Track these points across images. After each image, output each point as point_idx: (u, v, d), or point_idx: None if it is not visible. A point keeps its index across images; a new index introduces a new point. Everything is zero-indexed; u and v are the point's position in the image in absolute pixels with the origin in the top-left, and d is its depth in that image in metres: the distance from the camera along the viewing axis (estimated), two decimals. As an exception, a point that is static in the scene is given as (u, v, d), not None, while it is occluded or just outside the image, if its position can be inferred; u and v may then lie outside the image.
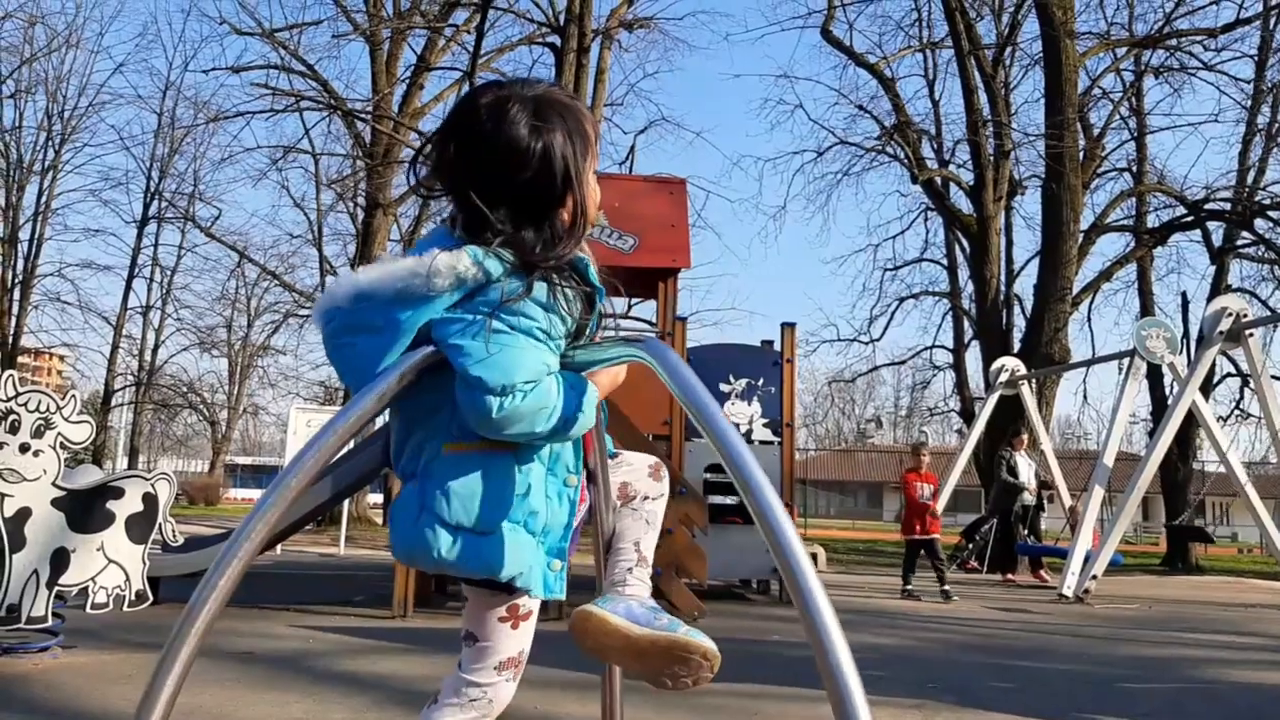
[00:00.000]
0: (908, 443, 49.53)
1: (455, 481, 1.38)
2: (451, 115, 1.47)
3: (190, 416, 33.22)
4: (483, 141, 1.41)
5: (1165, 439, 9.65)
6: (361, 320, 1.39)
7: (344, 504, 12.18)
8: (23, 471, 4.06)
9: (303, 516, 6.47)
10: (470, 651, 1.50)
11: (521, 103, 1.42)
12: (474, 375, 1.32)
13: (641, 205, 7.69)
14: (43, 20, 24.30)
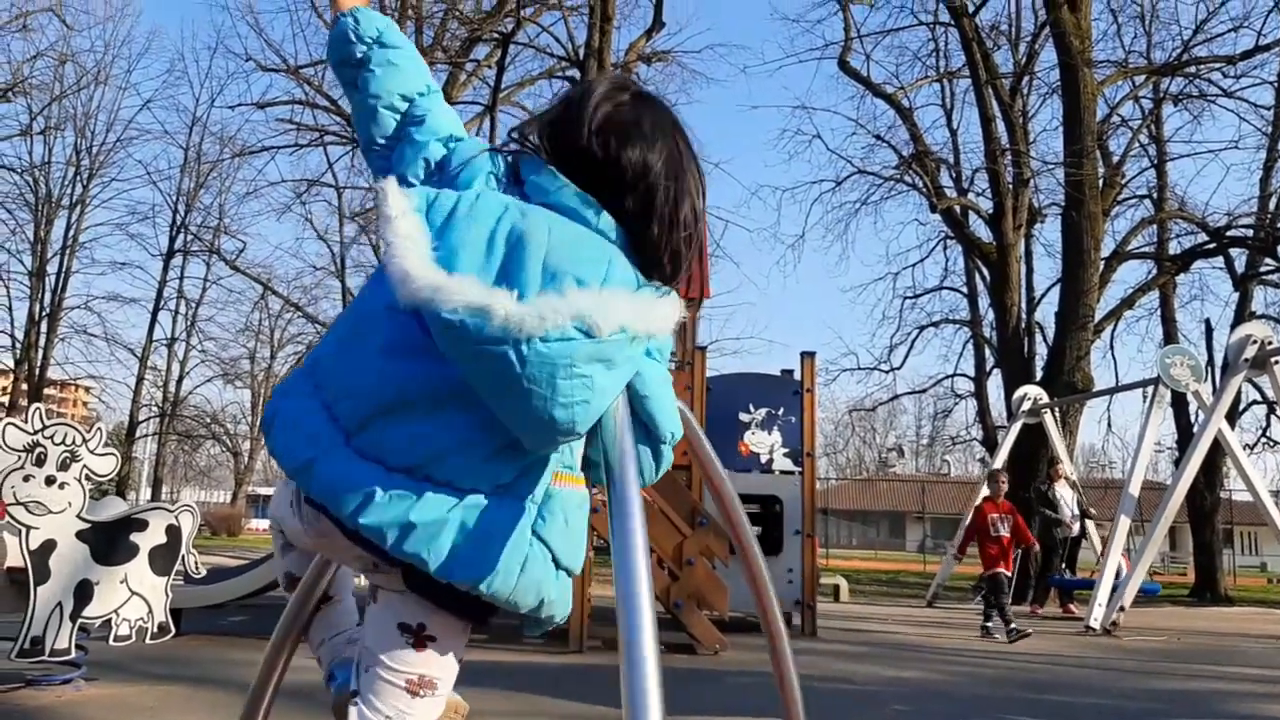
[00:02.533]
0: (930, 471, 49.31)
1: (571, 519, 1.31)
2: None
3: (213, 447, 33.46)
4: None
5: (1191, 468, 9.53)
6: (605, 353, 1.18)
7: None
8: (49, 504, 4.10)
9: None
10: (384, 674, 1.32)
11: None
12: (667, 429, 1.36)
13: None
14: (73, 59, 24.80)
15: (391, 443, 1.23)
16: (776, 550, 7.56)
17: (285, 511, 1.46)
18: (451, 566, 1.21)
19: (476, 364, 1.15)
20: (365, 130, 1.51)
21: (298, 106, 19.93)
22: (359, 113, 1.53)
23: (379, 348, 1.26)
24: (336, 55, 1.58)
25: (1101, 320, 15.66)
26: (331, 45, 1.59)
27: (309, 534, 1.40)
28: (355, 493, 1.21)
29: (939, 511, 39.55)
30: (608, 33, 12.15)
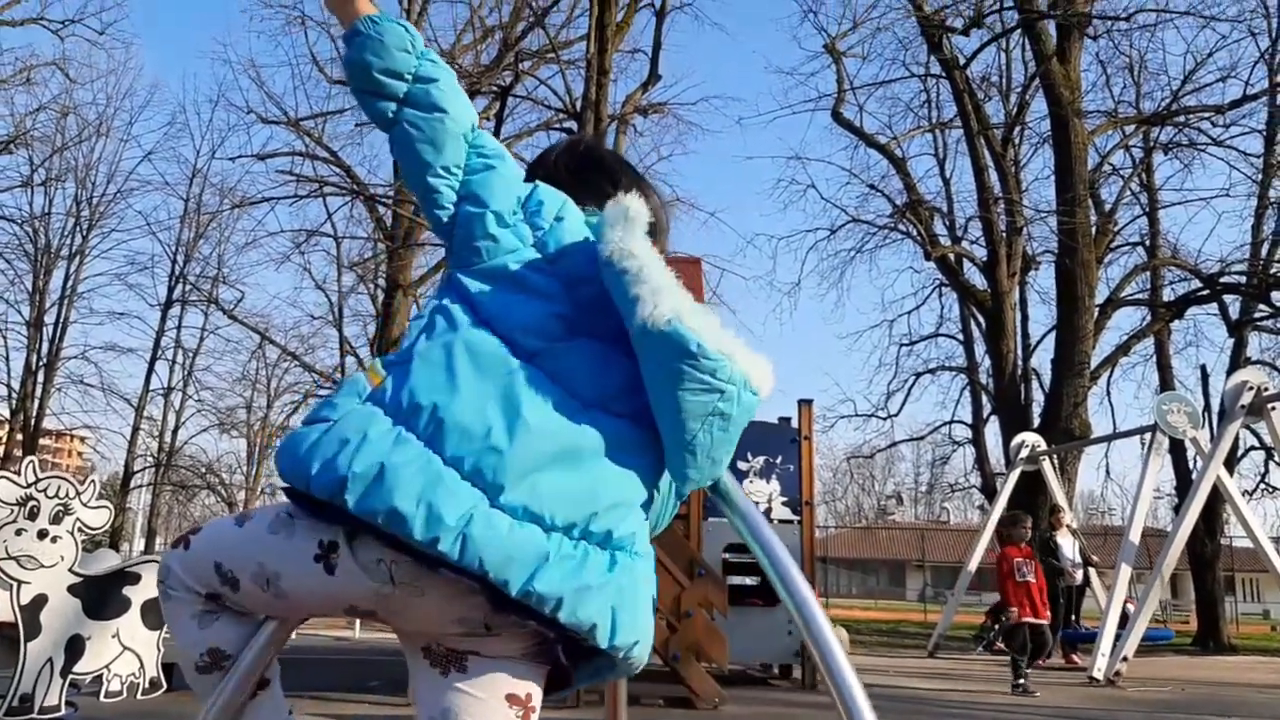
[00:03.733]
0: (929, 519, 49.10)
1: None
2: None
3: (208, 498, 33.24)
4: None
5: (1191, 515, 9.49)
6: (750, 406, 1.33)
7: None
8: (40, 558, 4.07)
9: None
10: None
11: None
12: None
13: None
14: (75, 111, 25.04)
15: (548, 500, 1.23)
16: (776, 601, 7.49)
17: (296, 569, 1.25)
18: (615, 630, 1.23)
19: (696, 398, 1.28)
20: (427, 199, 1.43)
21: (297, 158, 20.11)
22: (412, 169, 1.44)
23: (530, 398, 1.27)
24: (363, 82, 1.43)
25: (1097, 367, 15.71)
26: (354, 71, 1.43)
27: (375, 596, 1.24)
28: (523, 558, 1.18)
29: (939, 560, 39.28)
30: (604, 85, 12.32)
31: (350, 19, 1.43)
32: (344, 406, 1.27)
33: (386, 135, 1.45)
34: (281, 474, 1.24)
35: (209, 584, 1.33)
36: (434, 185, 1.40)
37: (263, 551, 1.28)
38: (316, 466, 1.19)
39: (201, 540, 1.36)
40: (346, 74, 1.43)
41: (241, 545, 1.31)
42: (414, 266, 20.81)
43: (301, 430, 1.26)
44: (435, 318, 1.35)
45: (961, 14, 15.26)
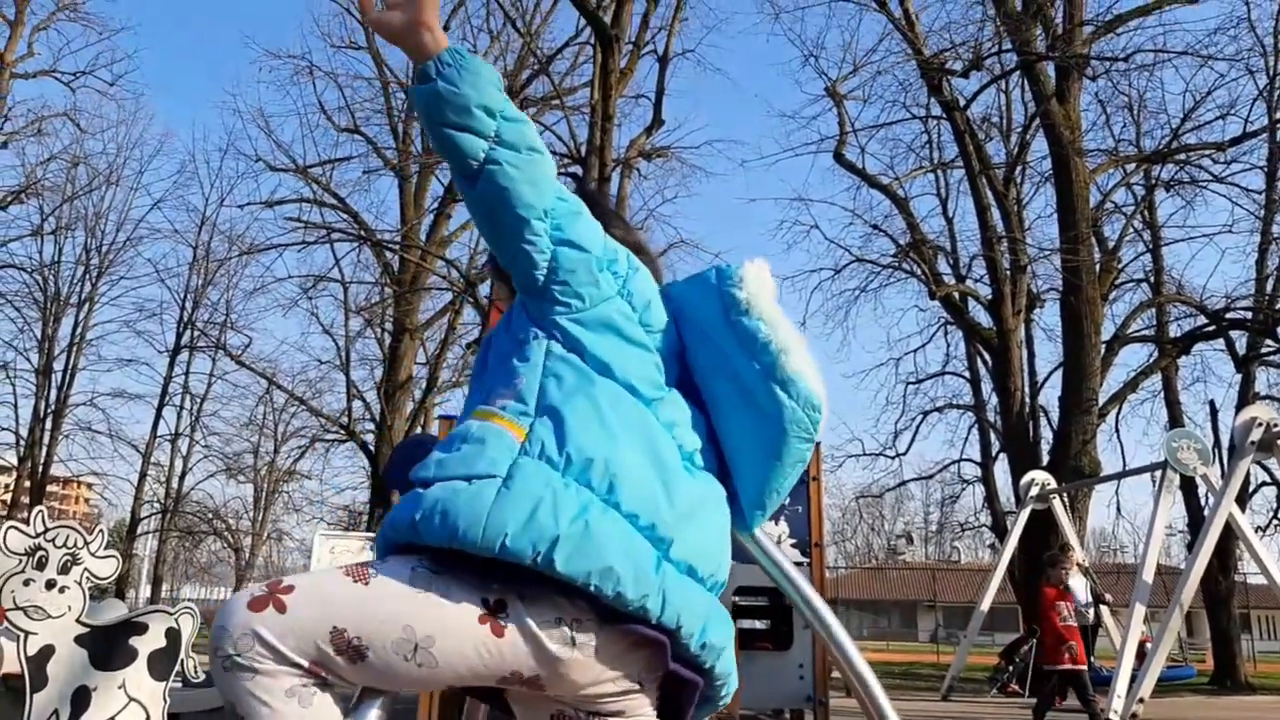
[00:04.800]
0: (940, 559, 48.64)
1: None
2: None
3: (214, 543, 33.14)
4: None
5: (1204, 553, 9.41)
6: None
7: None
8: (48, 608, 4.06)
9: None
10: None
11: None
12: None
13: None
14: (85, 161, 25.35)
15: (695, 555, 1.29)
16: (786, 645, 7.40)
17: (456, 632, 1.17)
18: (733, 677, 1.34)
19: (800, 448, 1.43)
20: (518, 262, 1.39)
21: (305, 204, 20.34)
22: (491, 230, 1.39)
23: (668, 451, 1.35)
24: (455, 117, 1.32)
25: (1105, 404, 15.66)
26: (444, 106, 1.31)
27: (545, 660, 1.19)
28: (698, 611, 1.24)
29: (951, 600, 38.87)
30: (609, 131, 12.47)
31: (434, 50, 1.32)
32: (503, 461, 1.25)
33: (466, 176, 1.35)
34: (451, 533, 1.18)
35: (317, 653, 1.15)
36: (535, 228, 1.34)
37: (410, 612, 1.16)
38: (513, 525, 1.17)
39: (304, 601, 1.16)
40: (430, 108, 1.31)
41: (373, 606, 1.16)
42: (420, 310, 20.94)
43: (459, 486, 1.22)
44: (557, 366, 1.35)
45: (961, 57, 15.43)
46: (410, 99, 1.36)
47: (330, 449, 24.71)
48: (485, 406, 1.35)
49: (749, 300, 1.42)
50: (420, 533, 1.21)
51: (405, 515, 1.23)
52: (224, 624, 1.16)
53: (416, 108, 1.34)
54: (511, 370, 1.37)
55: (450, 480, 1.23)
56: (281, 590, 1.17)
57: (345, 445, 23.39)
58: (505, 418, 1.31)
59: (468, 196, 1.37)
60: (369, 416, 22.05)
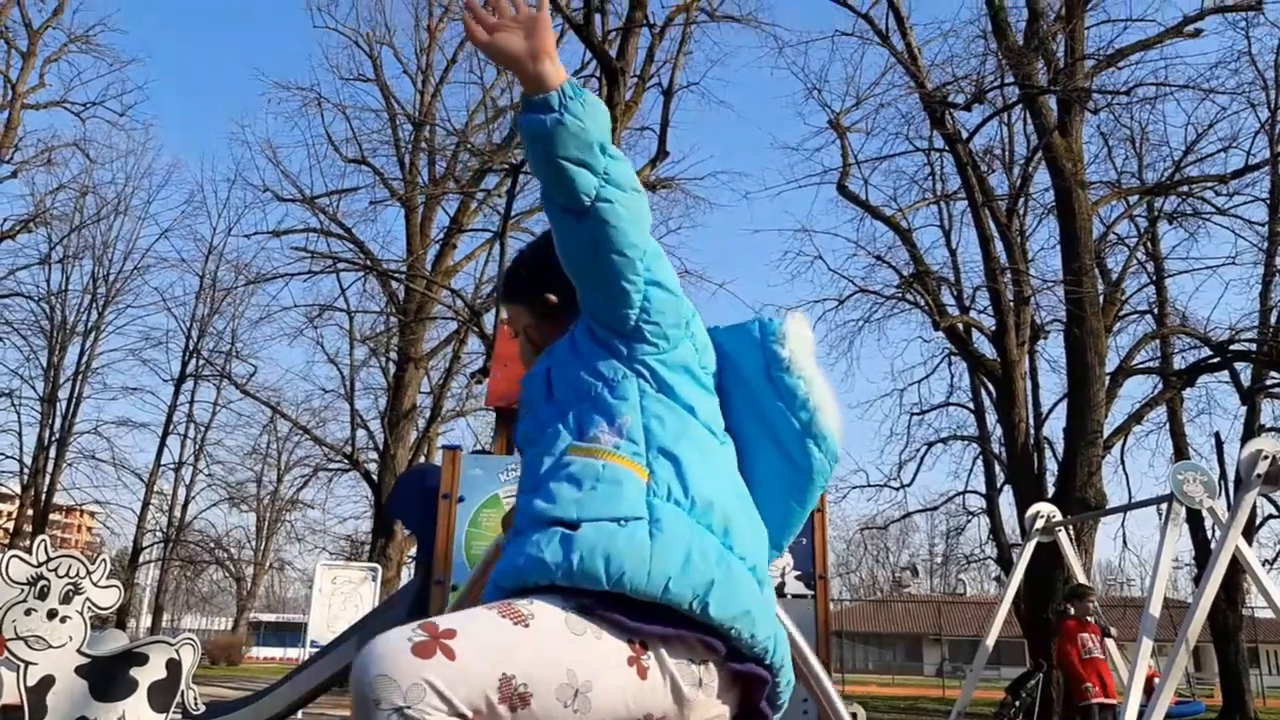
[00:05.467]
0: (945, 591, 48.30)
1: None
2: None
3: (216, 573, 33.02)
4: None
5: (1211, 587, 9.32)
6: None
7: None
8: (49, 639, 4.06)
9: (330, 678, 6.34)
10: None
11: None
12: None
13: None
14: (94, 190, 25.57)
15: (764, 573, 1.38)
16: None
17: (609, 676, 1.15)
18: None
19: (820, 491, 1.53)
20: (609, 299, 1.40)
21: (312, 234, 20.48)
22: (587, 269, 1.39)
23: (749, 494, 1.45)
24: (572, 151, 1.30)
25: (1110, 436, 15.61)
26: (563, 140, 1.29)
27: (677, 701, 1.21)
28: (786, 651, 1.34)
29: (956, 633, 38.55)
30: (613, 162, 12.57)
31: (557, 80, 1.29)
32: (641, 503, 1.27)
33: (574, 211, 1.33)
34: (616, 578, 1.18)
35: (484, 703, 1.08)
36: (637, 268, 1.35)
37: (572, 657, 1.14)
38: (674, 570, 1.20)
39: (472, 646, 1.09)
40: (550, 140, 1.28)
41: (538, 651, 1.13)
42: (425, 339, 21.00)
43: (612, 529, 1.23)
44: (654, 407, 1.38)
45: (963, 90, 15.54)
46: (523, 128, 1.30)
47: (333, 478, 24.72)
48: (593, 444, 1.34)
49: (791, 358, 1.50)
50: (581, 575, 1.19)
51: (559, 556, 1.21)
52: (386, 672, 1.05)
53: (529, 136, 1.31)
54: (607, 407, 1.38)
55: (599, 522, 1.23)
56: (444, 635, 1.09)
57: (348, 475, 23.40)
58: (624, 457, 1.32)
59: (570, 232, 1.35)
60: (372, 446, 22.06)
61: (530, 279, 1.62)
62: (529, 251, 1.70)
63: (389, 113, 21.78)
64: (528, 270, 1.64)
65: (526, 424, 1.48)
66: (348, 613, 11.65)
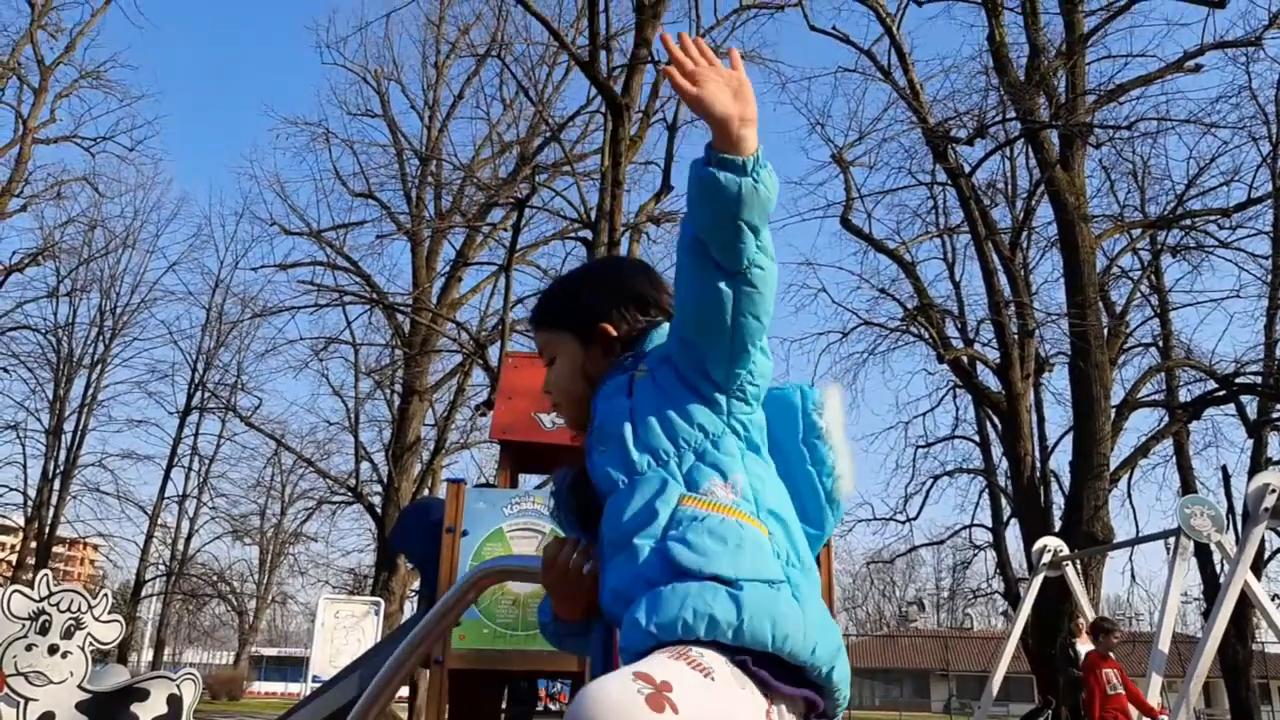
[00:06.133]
0: (952, 626, 47.89)
1: None
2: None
3: (218, 607, 32.87)
4: None
5: (1220, 622, 9.26)
6: None
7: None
8: (49, 674, 4.03)
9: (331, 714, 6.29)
10: None
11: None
12: None
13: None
14: (103, 224, 25.76)
15: None
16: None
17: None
18: None
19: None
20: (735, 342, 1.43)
21: (318, 268, 20.61)
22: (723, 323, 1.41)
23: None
24: (749, 215, 1.35)
25: (1117, 469, 15.55)
26: (748, 203, 1.34)
27: None
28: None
29: (964, 669, 38.18)
30: (618, 196, 12.62)
31: (754, 146, 1.36)
32: (779, 567, 1.32)
33: (729, 272, 1.37)
34: (779, 641, 1.23)
35: None
36: (763, 333, 1.42)
37: (739, 712, 1.19)
38: (817, 636, 1.27)
39: (688, 700, 1.10)
40: (734, 200, 1.33)
41: (721, 704, 1.16)
42: (430, 372, 21.04)
43: (767, 592, 1.26)
44: (753, 466, 1.43)
45: (965, 125, 15.65)
46: (708, 183, 1.33)
47: (337, 511, 24.66)
48: (708, 497, 1.36)
49: (827, 429, 1.58)
50: (750, 637, 1.22)
51: (731, 616, 1.23)
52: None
53: (713, 193, 1.34)
54: (715, 461, 1.40)
55: (756, 583, 1.26)
56: (663, 687, 1.09)
57: (352, 508, 23.35)
58: (751, 516, 1.35)
59: (712, 289, 1.38)
60: (376, 478, 22.03)
61: (580, 307, 1.61)
62: (575, 279, 1.71)
63: (396, 147, 21.99)
64: (576, 298, 1.64)
65: (611, 458, 1.43)
66: (350, 647, 11.57)
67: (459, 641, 3.53)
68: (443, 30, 22.04)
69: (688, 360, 1.44)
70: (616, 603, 1.32)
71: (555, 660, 3.56)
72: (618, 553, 1.35)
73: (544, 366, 1.67)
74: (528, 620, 3.58)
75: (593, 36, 12.59)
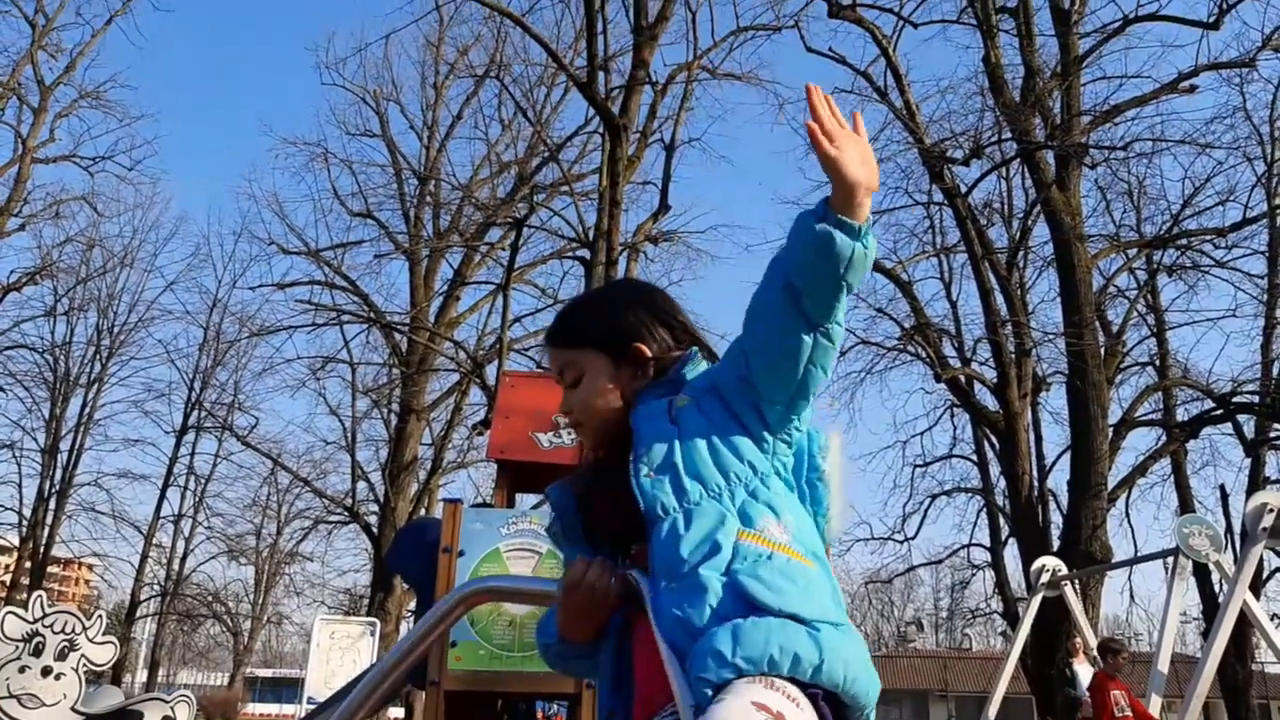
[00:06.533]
0: (951, 646, 47.64)
1: None
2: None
3: (213, 627, 32.68)
4: None
5: (1220, 642, 9.22)
6: None
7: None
8: (42, 696, 4.00)
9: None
10: None
11: None
12: None
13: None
14: (101, 244, 25.76)
15: None
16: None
17: None
18: None
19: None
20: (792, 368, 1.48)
21: (316, 287, 20.63)
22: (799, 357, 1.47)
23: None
24: (851, 277, 1.41)
25: (1115, 488, 15.53)
26: (856, 265, 1.40)
27: None
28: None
29: (963, 690, 37.98)
30: (616, 216, 12.68)
31: (866, 214, 1.42)
32: (837, 609, 1.38)
33: (813, 324, 1.43)
34: (850, 684, 1.30)
35: None
36: (821, 386, 1.49)
37: None
38: (870, 679, 1.34)
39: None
40: (842, 260, 1.39)
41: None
42: (427, 391, 21.03)
43: (836, 634, 1.33)
44: (793, 505, 1.49)
45: (961, 146, 15.72)
46: (824, 241, 1.37)
47: (333, 531, 24.58)
48: (763, 534, 1.40)
49: (828, 471, 1.60)
50: (826, 676, 1.29)
51: (813, 656, 1.29)
52: None
53: (827, 251, 1.38)
54: (769, 500, 1.45)
55: (827, 625, 1.33)
56: (779, 716, 1.21)
57: (348, 527, 23.27)
58: (802, 556, 1.41)
59: (794, 338, 1.43)
60: (373, 498, 21.96)
61: (614, 326, 1.62)
62: (604, 299, 1.72)
63: (395, 167, 22.07)
64: (607, 316, 1.64)
65: (661, 483, 1.45)
66: (346, 668, 11.50)
67: (455, 663, 3.51)
68: (442, 51, 22.17)
69: (744, 398, 1.49)
70: (680, 631, 1.33)
71: (552, 682, 3.54)
72: (675, 580, 1.37)
73: (560, 385, 1.66)
74: (524, 641, 3.56)
75: (591, 58, 12.67)
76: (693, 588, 1.34)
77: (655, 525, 1.42)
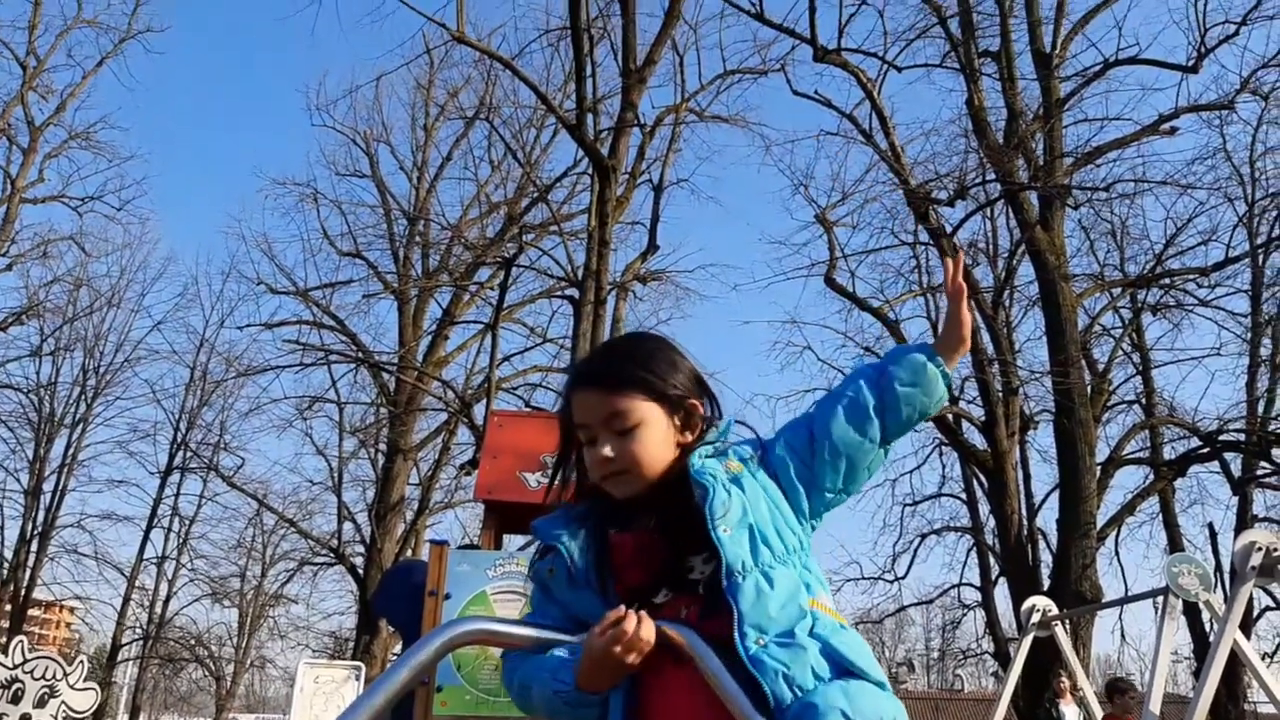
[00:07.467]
0: (943, 688, 47.20)
1: None
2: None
3: (196, 671, 32.15)
4: None
5: (1211, 682, 9.16)
6: None
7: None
8: (21, 744, 3.93)
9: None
10: None
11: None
12: None
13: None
14: (88, 283, 25.68)
15: None
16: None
17: None
18: None
19: None
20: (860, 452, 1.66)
21: (305, 327, 20.58)
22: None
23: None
24: (929, 407, 1.69)
25: (1104, 527, 15.53)
26: (931, 389, 1.67)
27: None
28: None
29: (955, 731, 37.54)
30: (605, 255, 12.74)
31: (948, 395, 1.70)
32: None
33: (882, 444, 1.65)
34: None
35: None
36: (863, 487, 1.73)
37: None
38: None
39: None
40: (937, 396, 1.67)
41: None
42: (415, 431, 20.94)
43: (889, 697, 1.49)
44: (815, 570, 1.61)
45: (946, 186, 15.89)
46: (935, 375, 1.53)
47: (318, 573, 24.31)
48: (821, 602, 1.55)
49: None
50: None
51: (899, 716, 1.48)
52: None
53: (930, 384, 1.66)
54: (818, 573, 1.61)
55: (887, 688, 1.50)
56: None
57: (334, 569, 23.02)
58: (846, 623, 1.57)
59: (869, 447, 1.64)
60: (359, 539, 21.77)
61: (674, 382, 1.62)
62: (658, 351, 1.67)
63: (384, 208, 22.15)
64: (664, 370, 1.62)
65: (739, 540, 1.52)
66: (329, 713, 11.29)
67: (440, 708, 3.47)
68: (432, 93, 22.36)
69: (799, 477, 1.62)
70: (783, 686, 1.43)
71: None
72: (769, 636, 1.47)
73: (593, 427, 1.59)
74: (511, 686, 3.53)
75: (580, 100, 12.80)
76: (793, 646, 1.46)
77: (732, 580, 1.48)
